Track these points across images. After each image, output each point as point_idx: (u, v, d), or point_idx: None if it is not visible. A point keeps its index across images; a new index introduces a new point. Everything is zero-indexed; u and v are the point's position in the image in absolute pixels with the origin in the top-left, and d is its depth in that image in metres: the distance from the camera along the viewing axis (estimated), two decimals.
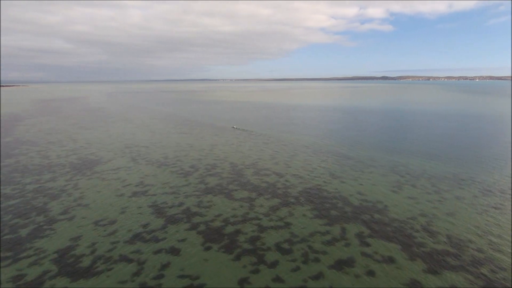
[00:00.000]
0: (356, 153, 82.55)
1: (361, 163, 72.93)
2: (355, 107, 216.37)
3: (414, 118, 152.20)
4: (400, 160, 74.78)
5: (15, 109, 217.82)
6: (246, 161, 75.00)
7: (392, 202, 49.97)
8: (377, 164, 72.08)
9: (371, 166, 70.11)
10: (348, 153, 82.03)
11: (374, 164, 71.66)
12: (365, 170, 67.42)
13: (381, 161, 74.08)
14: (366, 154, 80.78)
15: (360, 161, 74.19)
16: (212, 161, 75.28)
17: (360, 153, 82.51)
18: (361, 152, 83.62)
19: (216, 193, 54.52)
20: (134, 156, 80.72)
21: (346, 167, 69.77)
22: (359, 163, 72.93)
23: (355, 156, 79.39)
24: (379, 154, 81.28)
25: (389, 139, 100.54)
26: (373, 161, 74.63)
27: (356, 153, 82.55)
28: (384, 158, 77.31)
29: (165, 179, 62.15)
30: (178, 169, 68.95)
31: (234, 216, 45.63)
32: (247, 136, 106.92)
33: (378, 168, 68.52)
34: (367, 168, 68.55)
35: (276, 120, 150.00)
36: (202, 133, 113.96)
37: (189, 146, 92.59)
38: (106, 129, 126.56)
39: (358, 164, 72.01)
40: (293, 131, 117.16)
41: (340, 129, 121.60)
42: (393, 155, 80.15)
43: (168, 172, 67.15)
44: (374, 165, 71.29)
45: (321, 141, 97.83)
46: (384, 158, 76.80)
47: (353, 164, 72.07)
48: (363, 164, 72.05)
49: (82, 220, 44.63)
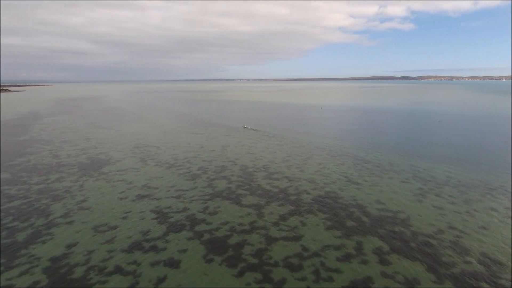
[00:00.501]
0: (374, 156, 77.73)
1: (380, 167, 68.21)
2: (373, 107, 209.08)
3: (437, 120, 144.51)
4: (422, 165, 69.51)
5: (37, 108, 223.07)
6: (258, 164, 71.68)
7: (415, 213, 45.41)
8: (397, 169, 67.18)
9: (391, 171, 65.32)
10: (365, 156, 77.33)
11: (393, 169, 66.81)
12: (384, 175, 62.74)
13: (401, 166, 69.09)
14: (385, 158, 75.85)
15: (378, 165, 69.46)
16: (222, 163, 72.41)
17: (378, 156, 77.63)
18: (379, 155, 78.72)
19: (224, 198, 51.48)
20: (144, 157, 78.91)
21: (364, 171, 65.29)
22: (378, 167, 68.22)
23: (373, 159, 74.64)
24: (398, 157, 76.15)
25: (410, 142, 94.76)
26: (392, 165, 69.74)
27: (374, 156, 77.73)
28: (405, 162, 72.21)
29: (171, 182, 59.66)
30: (186, 171, 66.41)
31: (241, 224, 42.41)
32: (260, 137, 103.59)
33: (398, 174, 63.67)
34: (386, 173, 63.83)
35: (291, 120, 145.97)
36: (214, 133, 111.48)
37: (200, 147, 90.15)
38: (120, 128, 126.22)
39: (376, 168, 67.33)
40: (308, 132, 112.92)
41: (357, 130, 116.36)
42: (414, 159, 74.85)
43: (176, 174, 64.70)
44: (393, 170, 66.45)
45: (337, 143, 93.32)
46: (405, 162, 71.71)
47: (371, 168, 67.46)
48: (381, 168, 67.33)
49: (81, 225, 42.55)
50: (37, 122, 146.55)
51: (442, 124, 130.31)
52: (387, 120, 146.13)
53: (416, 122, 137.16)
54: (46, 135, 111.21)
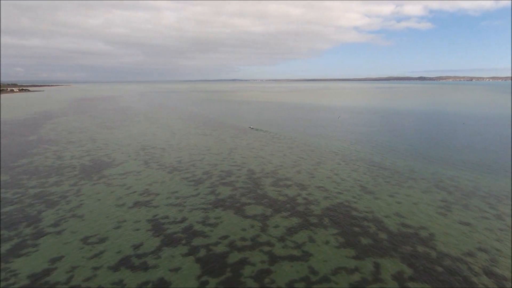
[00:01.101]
0: (392, 161, 72.24)
1: (398, 174, 62.81)
2: (390, 109, 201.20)
3: (458, 122, 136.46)
4: (445, 172, 63.69)
5: (51, 107, 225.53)
6: (266, 168, 67.45)
7: (440, 230, 40.20)
8: (417, 176, 61.64)
9: (410, 179, 59.88)
10: (382, 162, 71.95)
11: (413, 176, 61.31)
12: (403, 184, 57.39)
13: (422, 173, 63.47)
14: (403, 164, 70.27)
15: (396, 172, 64.06)
16: (228, 167, 68.54)
17: (396, 162, 72.11)
18: (397, 160, 73.17)
19: (226, 207, 47.50)
20: (148, 159, 75.92)
21: (380, 179, 60.09)
22: (396, 174, 62.85)
23: (391, 165, 69.21)
24: (418, 164, 70.43)
25: (430, 146, 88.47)
26: (412, 172, 64.21)
27: (391, 161, 72.26)
28: (425, 168, 66.50)
29: (173, 187, 56.15)
30: (190, 176, 62.82)
31: (242, 239, 38.29)
32: (270, 139, 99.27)
33: (419, 182, 58.19)
34: (406, 182, 58.45)
35: (303, 122, 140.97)
36: (223, 135, 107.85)
37: (207, 149, 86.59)
38: (129, 128, 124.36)
39: (394, 176, 61.98)
40: (321, 134, 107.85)
41: (373, 133, 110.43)
42: (435, 165, 68.98)
43: (179, 178, 61.18)
44: (413, 177, 60.97)
45: (351, 147, 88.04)
46: (425, 169, 66.02)
47: (389, 175, 62.16)
48: (400, 176, 61.93)
49: (70, 236, 39.36)
50: (48, 122, 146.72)
51: (466, 127, 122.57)
52: (405, 122, 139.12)
53: (437, 125, 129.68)
54: (54, 135, 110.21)
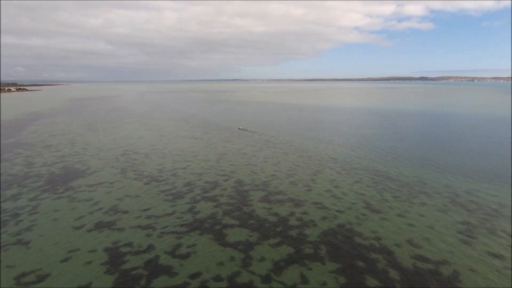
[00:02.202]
0: (398, 171, 64.35)
1: (407, 187, 54.90)
2: (393, 110, 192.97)
3: (468, 124, 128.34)
4: (461, 185, 55.75)
5: (44, 107, 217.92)
6: (257, 179, 59.59)
7: (465, 264, 32.29)
8: (429, 189, 53.72)
9: (422, 193, 51.97)
10: (387, 171, 64.03)
11: (424, 190, 53.40)
12: (414, 199, 49.48)
13: (434, 185, 55.54)
14: (412, 174, 62.34)
15: (404, 185, 56.13)
16: (214, 177, 60.70)
17: (403, 171, 64.19)
18: (404, 169, 65.26)
19: (204, 231, 39.63)
20: (126, 167, 68.11)
21: (387, 193, 52.21)
22: (404, 187, 54.93)
23: (398, 175, 61.30)
24: (428, 173, 62.52)
25: (439, 152, 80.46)
26: (422, 184, 56.31)
27: (398, 170, 64.37)
28: (437, 180, 58.58)
29: (146, 203, 48.32)
30: (169, 188, 54.98)
31: (217, 278, 30.41)
32: (264, 144, 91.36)
33: (432, 197, 50.26)
34: (417, 196, 50.54)
35: (302, 123, 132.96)
36: (214, 138, 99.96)
37: (194, 155, 78.78)
38: (116, 131, 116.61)
39: (403, 189, 54.05)
40: (320, 137, 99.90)
41: (375, 136, 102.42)
42: (448, 175, 61.06)
43: (155, 191, 53.36)
44: (424, 190, 53.06)
45: (353, 152, 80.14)
46: (437, 180, 58.09)
47: (396, 188, 54.24)
48: (409, 189, 54.02)
49: (3, 272, 31.53)
50: (34, 123, 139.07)
51: (475, 130, 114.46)
52: (410, 124, 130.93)
53: (444, 127, 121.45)
54: (33, 138, 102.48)
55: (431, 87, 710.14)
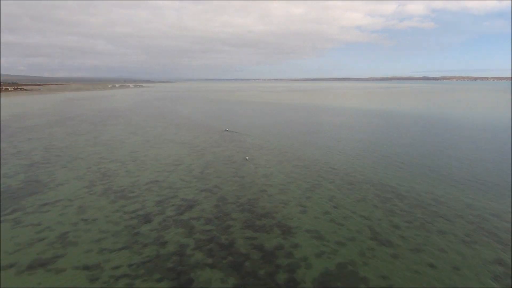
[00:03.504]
0: (408, 185, 55.51)
1: (420, 207, 46.06)
2: (397, 112, 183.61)
3: (480, 129, 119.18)
4: (485, 205, 46.84)
5: (32, 107, 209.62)
6: (242, 196, 50.85)
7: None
8: (447, 210, 44.88)
9: (439, 216, 43.13)
10: (396, 185, 55.21)
11: (442, 212, 44.56)
12: (430, 226, 40.58)
13: (453, 205, 46.69)
14: (424, 189, 53.50)
15: (417, 204, 47.31)
16: (193, 194, 51.99)
17: (413, 185, 55.32)
18: (414, 183, 56.38)
19: (165, 275, 30.86)
20: (95, 179, 59.41)
21: (396, 216, 43.40)
22: (417, 207, 46.09)
23: (408, 191, 52.47)
24: (444, 188, 53.67)
25: (452, 162, 71.45)
26: (438, 203, 47.48)
27: (407, 184, 55.53)
28: (456, 197, 49.73)
29: (102, 231, 39.54)
30: (137, 209, 46.26)
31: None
32: (257, 150, 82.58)
33: (453, 222, 41.39)
34: (433, 222, 41.67)
35: (299, 126, 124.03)
36: (204, 144, 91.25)
37: (177, 163, 70.13)
38: (98, 134, 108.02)
39: (415, 210, 45.19)
40: (318, 142, 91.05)
41: (379, 141, 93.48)
42: (467, 192, 52.18)
43: (119, 214, 44.61)
44: (442, 213, 44.22)
45: (355, 161, 71.34)
46: (455, 199, 49.23)
47: (408, 210, 45.40)
48: (423, 210, 45.19)
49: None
50: (13, 125, 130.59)
51: (493, 137, 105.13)
52: (416, 128, 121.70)
53: (456, 132, 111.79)
54: (7, 143, 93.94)
55: (434, 87, 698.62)
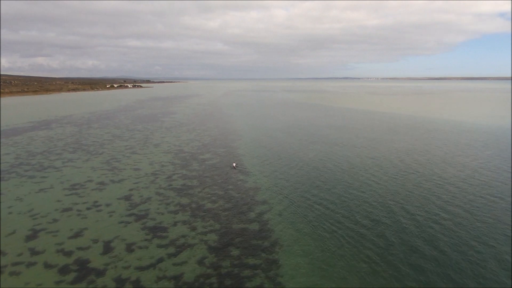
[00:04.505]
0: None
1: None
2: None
3: None
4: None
5: (107, 107, 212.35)
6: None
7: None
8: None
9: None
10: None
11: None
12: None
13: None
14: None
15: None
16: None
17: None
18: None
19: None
20: (61, 196, 30.35)
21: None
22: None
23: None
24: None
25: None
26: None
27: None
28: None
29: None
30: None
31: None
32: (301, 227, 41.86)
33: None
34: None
35: (415, 170, 74.44)
36: (223, 177, 55.13)
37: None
38: (79, 138, 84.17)
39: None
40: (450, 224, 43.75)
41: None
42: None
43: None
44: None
45: None
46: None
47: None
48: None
49: None
50: (55, 125, 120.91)
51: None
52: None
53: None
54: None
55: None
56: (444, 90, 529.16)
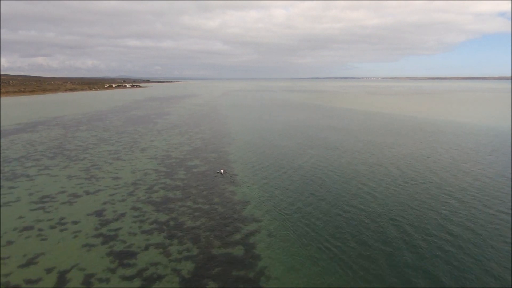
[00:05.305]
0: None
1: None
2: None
3: None
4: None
5: (101, 107, 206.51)
6: None
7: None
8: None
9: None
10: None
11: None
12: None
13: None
14: None
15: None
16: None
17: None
18: None
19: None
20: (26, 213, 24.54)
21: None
22: None
23: None
24: None
25: None
26: None
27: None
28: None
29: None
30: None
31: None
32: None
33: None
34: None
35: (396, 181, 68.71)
36: (206, 188, 49.28)
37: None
38: (63, 141, 78.33)
39: None
40: None
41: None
42: None
43: None
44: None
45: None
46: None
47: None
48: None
49: None
50: (42, 128, 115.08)
51: None
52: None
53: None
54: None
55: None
56: (445, 89, 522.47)
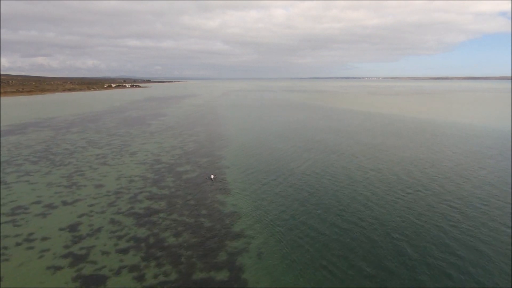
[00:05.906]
0: None
1: None
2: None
3: None
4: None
5: (97, 108, 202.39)
6: None
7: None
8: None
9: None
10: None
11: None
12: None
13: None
14: None
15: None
16: None
17: None
18: None
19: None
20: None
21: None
22: None
23: None
24: None
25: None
26: None
27: None
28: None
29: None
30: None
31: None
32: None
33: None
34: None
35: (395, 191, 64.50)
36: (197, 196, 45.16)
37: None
38: (50, 144, 74.25)
39: None
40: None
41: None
42: None
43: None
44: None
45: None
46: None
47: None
48: None
49: None
50: (34, 130, 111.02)
51: None
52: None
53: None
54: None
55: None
56: (445, 89, 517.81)
